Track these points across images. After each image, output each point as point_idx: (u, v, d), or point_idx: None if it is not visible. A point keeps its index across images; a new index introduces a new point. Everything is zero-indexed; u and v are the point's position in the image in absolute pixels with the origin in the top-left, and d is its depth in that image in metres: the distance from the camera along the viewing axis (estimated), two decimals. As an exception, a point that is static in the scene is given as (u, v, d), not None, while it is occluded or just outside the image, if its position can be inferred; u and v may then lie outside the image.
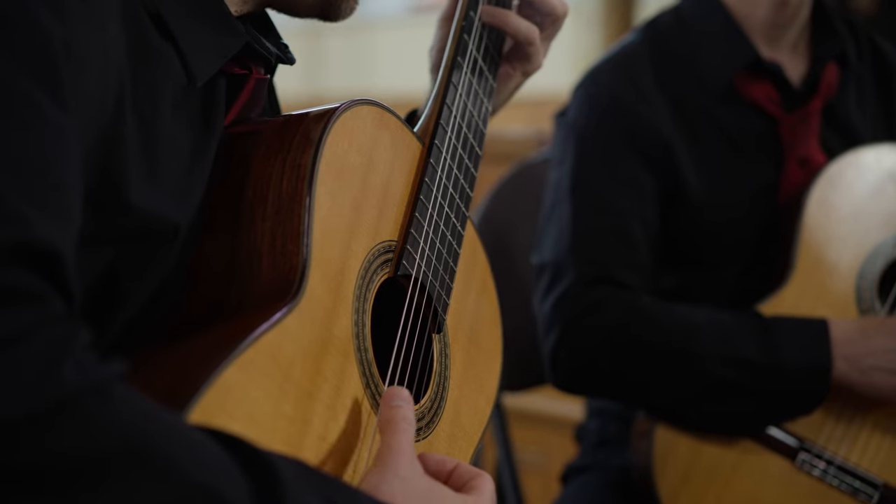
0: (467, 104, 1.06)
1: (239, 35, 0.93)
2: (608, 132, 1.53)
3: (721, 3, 1.57)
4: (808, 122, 1.54)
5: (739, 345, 1.42)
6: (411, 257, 0.97)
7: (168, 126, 0.87)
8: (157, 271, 0.88)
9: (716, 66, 1.55)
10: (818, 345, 1.40)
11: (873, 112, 1.63)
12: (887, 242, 1.48)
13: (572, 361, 1.46)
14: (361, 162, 0.93)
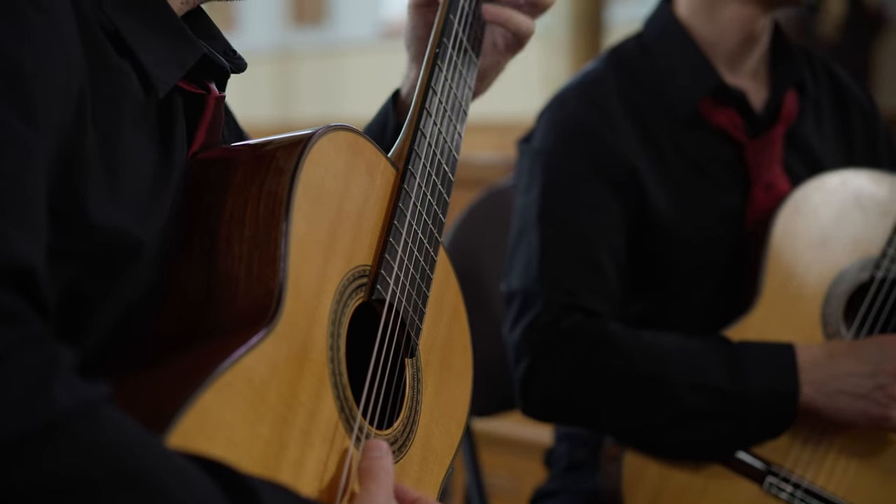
0: (441, 131, 1.08)
1: (196, 47, 0.94)
2: (574, 159, 1.54)
3: (684, 31, 1.59)
4: (772, 147, 1.57)
5: (707, 372, 1.43)
6: (385, 282, 0.98)
7: (128, 142, 0.87)
8: (124, 290, 0.88)
9: (681, 93, 1.57)
10: (785, 371, 1.42)
11: (832, 137, 1.65)
12: (853, 267, 1.50)
13: (543, 390, 1.47)
14: (337, 187, 0.95)
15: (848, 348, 1.43)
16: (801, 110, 1.61)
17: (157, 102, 0.91)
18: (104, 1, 0.88)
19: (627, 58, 1.62)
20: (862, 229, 1.51)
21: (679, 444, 1.45)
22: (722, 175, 1.56)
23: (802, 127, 1.61)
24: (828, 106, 1.66)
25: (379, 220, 0.99)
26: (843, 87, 1.69)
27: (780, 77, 1.61)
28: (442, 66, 1.09)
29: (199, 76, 0.96)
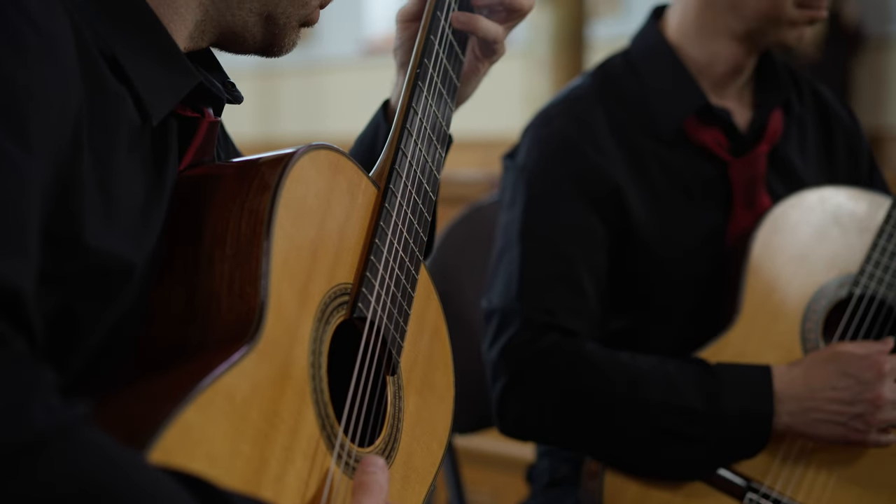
0: (422, 150, 1.08)
1: (192, 75, 0.95)
2: (558, 176, 1.55)
3: (671, 50, 1.60)
4: (755, 166, 1.58)
5: (683, 393, 1.44)
6: (366, 300, 0.98)
7: (123, 167, 0.88)
8: (113, 311, 0.88)
9: (666, 111, 1.58)
10: (760, 394, 1.42)
11: (815, 156, 1.67)
12: (831, 284, 1.51)
13: (518, 409, 1.48)
14: (318, 206, 0.95)
15: (824, 374, 1.43)
16: (786, 130, 1.63)
17: (152, 128, 0.92)
18: (103, 26, 0.89)
19: (613, 75, 1.63)
20: (840, 246, 1.52)
21: (654, 465, 1.45)
22: (705, 193, 1.57)
23: (786, 147, 1.62)
24: (812, 125, 1.68)
25: (360, 239, 1.00)
26: (828, 107, 1.70)
27: (766, 97, 1.62)
28: (423, 86, 1.10)
29: (195, 101, 0.97)
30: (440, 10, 1.14)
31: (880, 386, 1.41)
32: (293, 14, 1.01)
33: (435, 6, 1.14)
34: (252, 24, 1.00)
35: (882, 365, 1.41)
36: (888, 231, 1.51)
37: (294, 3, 1.00)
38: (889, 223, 1.51)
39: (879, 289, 1.50)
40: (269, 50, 1.03)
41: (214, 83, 0.99)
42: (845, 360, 1.43)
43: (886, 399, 1.41)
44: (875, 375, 1.41)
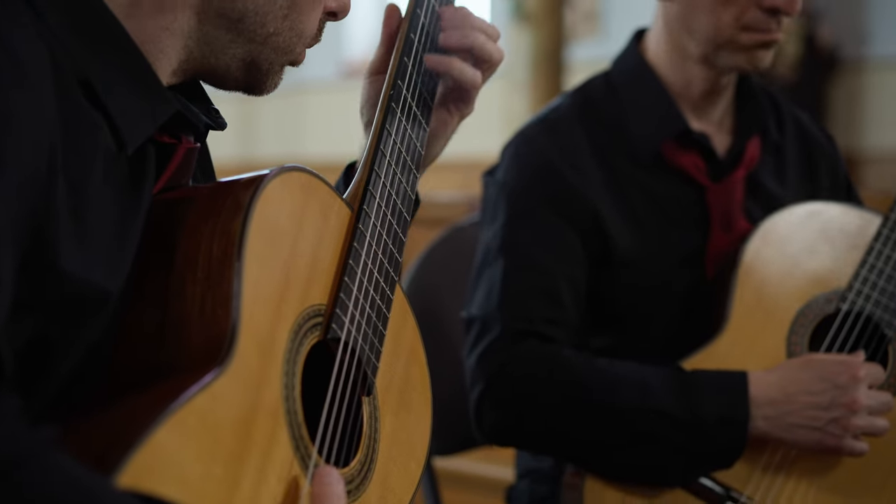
0: (395, 171, 1.09)
1: (169, 103, 0.95)
2: (537, 195, 1.56)
3: (652, 73, 1.62)
4: (733, 191, 1.59)
5: (659, 398, 1.45)
6: (340, 321, 0.98)
7: (98, 193, 0.88)
8: (87, 336, 0.88)
9: (645, 134, 1.59)
10: (736, 400, 1.43)
11: (797, 183, 1.67)
12: (819, 298, 1.52)
13: (496, 413, 1.49)
14: (291, 227, 0.95)
15: (800, 379, 1.44)
16: (763, 157, 1.64)
17: (128, 155, 0.92)
18: (81, 53, 0.89)
19: (593, 96, 1.64)
20: (830, 261, 1.54)
21: (630, 469, 1.46)
22: (683, 216, 1.59)
23: (762, 173, 1.63)
24: (793, 152, 1.69)
25: (334, 260, 1.00)
26: (808, 133, 1.71)
27: (745, 123, 1.63)
28: (396, 107, 1.10)
29: (174, 128, 0.97)
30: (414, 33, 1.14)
31: (855, 391, 1.42)
32: (276, 60, 1.02)
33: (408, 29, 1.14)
34: (235, 67, 1.00)
35: (857, 370, 1.43)
36: (878, 248, 1.52)
37: (278, 51, 1.01)
38: (879, 241, 1.52)
39: (867, 306, 1.51)
40: (251, 91, 1.04)
41: (192, 110, 0.99)
42: (821, 365, 1.44)
43: (862, 404, 1.42)
44: (850, 380, 1.42)
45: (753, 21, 1.53)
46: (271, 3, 0.98)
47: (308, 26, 1.02)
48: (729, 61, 1.57)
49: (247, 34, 0.98)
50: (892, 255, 1.52)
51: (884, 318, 1.51)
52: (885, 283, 1.51)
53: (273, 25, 0.99)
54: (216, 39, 0.98)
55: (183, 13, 0.96)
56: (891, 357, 1.52)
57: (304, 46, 1.03)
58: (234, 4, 0.97)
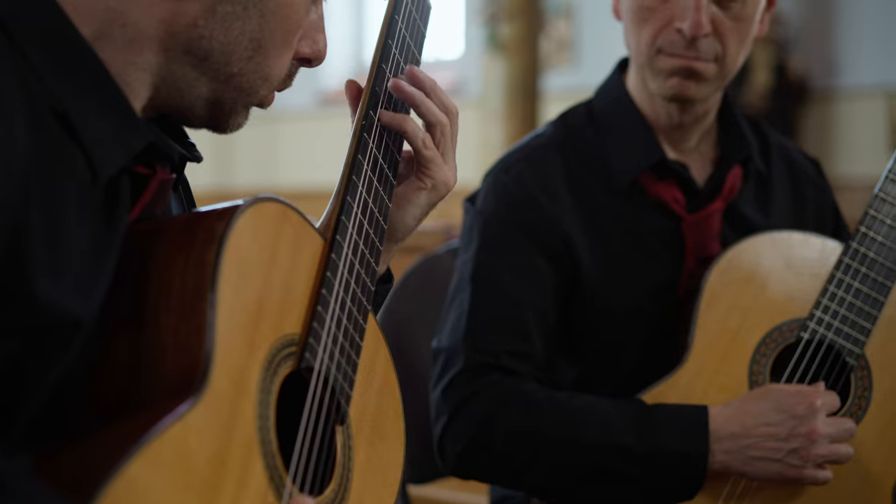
0: (368, 200, 1.10)
1: (143, 134, 0.95)
2: (512, 223, 1.57)
3: (631, 102, 1.62)
4: (710, 222, 1.59)
5: (619, 432, 1.45)
6: (314, 350, 0.99)
7: (72, 222, 0.88)
8: (61, 364, 0.88)
9: (623, 164, 1.60)
10: (695, 434, 1.43)
11: (784, 212, 1.67)
12: (781, 327, 1.53)
13: (457, 447, 1.49)
14: (264, 258, 0.96)
15: (758, 411, 1.44)
16: (744, 187, 1.64)
17: (103, 184, 0.93)
18: (56, 83, 0.90)
19: (574, 125, 1.65)
20: (792, 290, 1.54)
21: (591, 502, 1.46)
22: (659, 248, 1.59)
23: (743, 202, 1.63)
24: (780, 181, 1.69)
25: (307, 290, 1.00)
26: (795, 162, 1.72)
27: (726, 153, 1.63)
28: (369, 137, 1.11)
29: (148, 158, 0.98)
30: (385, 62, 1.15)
31: (814, 420, 1.42)
32: (239, 101, 1.02)
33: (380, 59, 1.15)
34: (199, 106, 1.01)
35: (814, 399, 1.43)
36: (838, 277, 1.53)
37: (241, 91, 1.01)
38: (839, 269, 1.53)
39: (828, 334, 1.51)
40: (214, 129, 1.05)
41: (167, 141, 1.00)
42: (778, 396, 1.44)
43: (820, 433, 1.42)
44: (808, 410, 1.42)
45: (668, 44, 1.52)
46: (237, 44, 0.98)
47: (274, 71, 1.02)
48: (653, 85, 1.56)
49: (211, 73, 0.99)
50: (852, 284, 1.53)
51: (845, 346, 1.52)
52: (846, 312, 1.52)
53: (237, 66, 0.99)
54: (182, 77, 0.99)
55: (150, 49, 0.96)
56: (853, 385, 1.53)
57: (269, 90, 1.04)
58: (200, 43, 0.97)
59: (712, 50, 1.52)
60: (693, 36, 1.49)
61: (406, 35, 1.18)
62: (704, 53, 1.51)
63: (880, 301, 1.52)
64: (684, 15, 1.50)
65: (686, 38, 1.50)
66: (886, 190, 1.54)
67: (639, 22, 1.54)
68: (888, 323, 1.54)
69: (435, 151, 1.14)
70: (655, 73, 1.54)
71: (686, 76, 1.52)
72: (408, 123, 1.13)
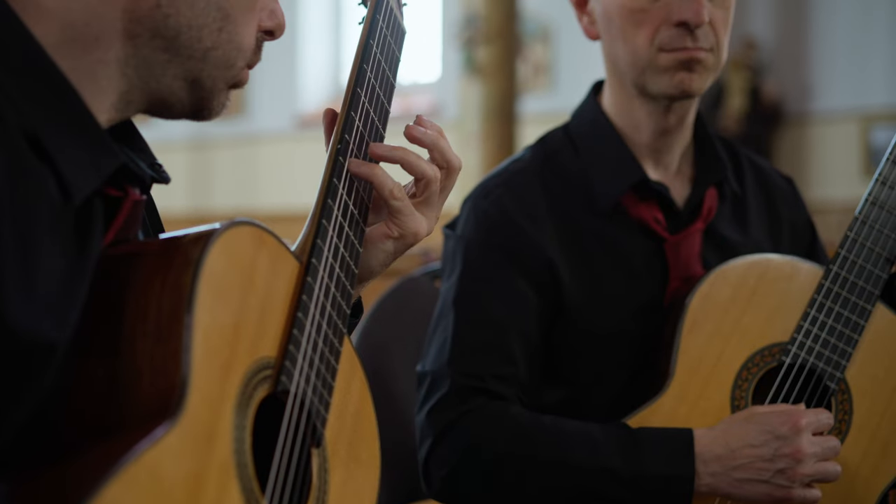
0: (343, 224, 1.10)
1: (115, 155, 0.95)
2: (494, 248, 1.57)
3: (609, 123, 1.64)
4: (691, 242, 1.60)
5: (605, 456, 1.45)
6: (290, 373, 0.99)
7: (44, 246, 0.88)
8: (35, 389, 0.88)
9: (605, 186, 1.61)
10: (681, 457, 1.44)
11: (761, 231, 1.68)
12: (762, 352, 1.53)
13: (442, 470, 1.49)
14: (240, 281, 0.96)
15: (743, 433, 1.45)
16: (720, 207, 1.65)
17: (75, 207, 0.93)
18: (26, 106, 0.90)
19: (553, 149, 1.66)
20: (773, 314, 1.54)
21: None
22: (642, 269, 1.60)
23: (721, 223, 1.65)
24: (754, 200, 1.70)
25: (283, 313, 1.01)
26: (769, 180, 1.73)
27: (702, 174, 1.65)
28: (344, 160, 1.12)
29: (119, 180, 0.98)
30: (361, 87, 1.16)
31: (799, 440, 1.43)
32: (219, 77, 1.01)
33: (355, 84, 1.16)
34: (178, 88, 1.00)
35: (798, 419, 1.44)
36: (819, 301, 1.53)
37: (219, 66, 1.00)
38: (821, 293, 1.53)
39: (809, 358, 1.52)
40: (198, 114, 1.03)
41: (138, 163, 1.00)
42: (763, 417, 1.45)
43: (806, 452, 1.43)
44: (792, 430, 1.43)
45: (667, 40, 1.54)
46: (204, 16, 0.98)
47: (245, 39, 1.02)
48: (656, 87, 1.57)
49: (185, 51, 0.98)
50: (832, 308, 1.53)
51: (826, 370, 1.52)
52: (827, 336, 1.53)
53: (210, 39, 0.99)
54: (154, 61, 0.98)
55: (117, 40, 0.96)
56: (833, 409, 1.53)
57: (244, 62, 1.03)
58: (167, 22, 0.96)
59: (710, 39, 1.55)
60: (698, 24, 1.52)
61: (381, 59, 1.19)
62: (704, 43, 1.54)
63: (860, 324, 1.53)
64: (683, 7, 1.53)
65: (689, 29, 1.53)
66: (866, 213, 1.55)
67: (633, 26, 1.56)
68: (868, 346, 1.54)
69: (405, 202, 1.12)
70: (660, 72, 1.56)
71: (690, 68, 1.55)
72: (375, 173, 1.11)
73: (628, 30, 1.56)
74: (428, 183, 1.13)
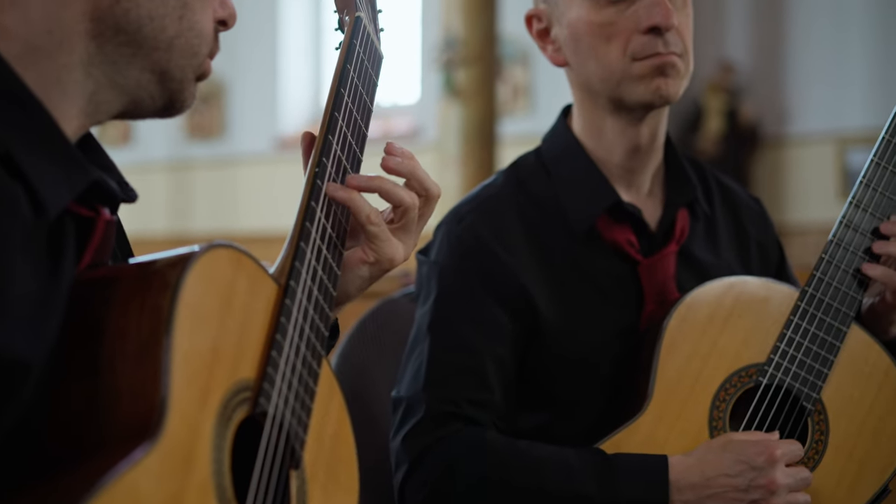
0: (322, 247, 1.11)
1: (88, 171, 0.96)
2: (468, 273, 1.57)
3: (580, 146, 1.64)
4: (665, 264, 1.61)
5: (580, 482, 1.45)
6: (268, 395, 0.99)
7: (17, 265, 0.88)
8: (11, 409, 0.88)
9: (578, 209, 1.61)
10: (656, 483, 1.44)
11: (730, 251, 1.69)
12: (739, 373, 1.53)
13: (418, 496, 1.48)
14: (219, 304, 0.97)
15: (719, 462, 1.45)
16: (692, 228, 1.66)
17: (48, 225, 0.93)
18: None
19: (525, 173, 1.66)
20: (750, 335, 1.55)
21: None
22: (616, 292, 1.60)
23: (693, 244, 1.65)
24: (724, 221, 1.71)
25: (262, 335, 1.01)
26: (736, 199, 1.74)
27: (673, 196, 1.65)
28: (322, 183, 1.12)
29: (91, 200, 0.98)
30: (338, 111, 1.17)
31: (773, 471, 1.43)
32: (187, 66, 1.02)
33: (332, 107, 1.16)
34: (146, 82, 1.01)
35: (774, 450, 1.44)
36: (795, 322, 1.54)
37: (185, 54, 1.01)
38: (797, 314, 1.54)
39: (786, 379, 1.52)
40: (170, 107, 1.04)
41: (109, 181, 1.00)
42: (738, 447, 1.45)
43: (780, 484, 1.43)
44: (767, 461, 1.44)
45: (639, 47, 1.55)
46: (164, 6, 0.99)
47: (206, 25, 1.03)
48: (633, 96, 1.57)
49: (149, 43, 0.99)
50: (808, 329, 1.54)
51: (802, 390, 1.53)
52: (803, 357, 1.54)
53: (173, 28, 1.00)
54: (119, 57, 0.98)
55: (80, 43, 0.96)
56: (810, 430, 1.55)
57: (207, 49, 1.04)
58: (128, 16, 0.97)
59: (679, 44, 1.56)
60: (668, 27, 1.53)
61: (358, 84, 1.20)
62: (674, 47, 1.55)
63: (836, 345, 1.54)
64: (651, 12, 1.54)
65: (660, 33, 1.54)
66: (840, 235, 1.57)
67: (603, 41, 1.56)
68: (843, 367, 1.55)
69: (382, 228, 1.13)
70: (636, 80, 1.56)
71: (665, 73, 1.55)
72: (353, 198, 1.12)
73: (599, 45, 1.57)
74: (406, 210, 1.14)
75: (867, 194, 1.57)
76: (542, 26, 1.65)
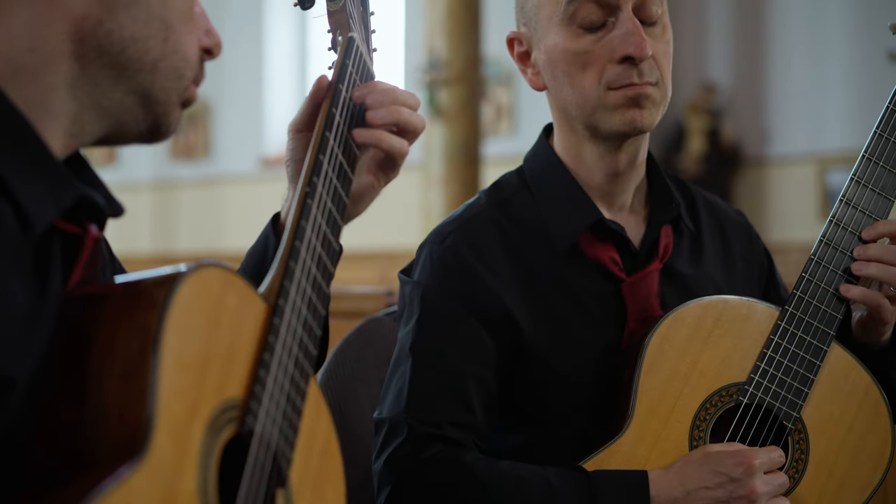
0: (311, 266, 1.11)
1: (74, 187, 0.96)
2: (449, 294, 1.57)
3: (562, 165, 1.64)
4: (649, 282, 1.61)
5: (562, 500, 1.46)
6: (255, 414, 1.00)
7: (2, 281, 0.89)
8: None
9: (561, 228, 1.61)
10: (636, 499, 1.44)
11: (716, 267, 1.69)
12: (721, 392, 1.54)
13: None
14: (207, 323, 0.97)
15: (698, 475, 1.45)
16: (676, 245, 1.66)
17: (35, 241, 0.93)
18: None
19: (507, 193, 1.66)
20: (731, 354, 1.55)
21: None
22: (599, 310, 1.60)
23: (677, 260, 1.65)
24: (709, 237, 1.71)
25: (250, 354, 1.02)
26: (722, 214, 1.75)
27: (656, 213, 1.65)
28: (311, 203, 1.13)
29: (78, 217, 0.98)
30: (329, 130, 1.18)
31: (752, 481, 1.44)
32: (171, 89, 1.02)
33: (325, 126, 1.18)
34: (131, 104, 1.01)
35: (752, 460, 1.45)
36: (775, 342, 1.54)
37: (169, 77, 1.01)
38: (776, 334, 1.55)
39: (766, 398, 1.53)
40: (154, 132, 1.04)
41: (96, 196, 1.00)
42: (716, 459, 1.46)
43: (760, 493, 1.44)
44: (745, 472, 1.44)
45: (614, 77, 1.55)
46: (147, 28, 0.99)
47: (190, 49, 1.03)
48: (607, 126, 1.57)
49: (133, 65, 0.99)
50: (789, 348, 1.55)
51: (782, 409, 1.54)
52: (783, 376, 1.54)
53: (157, 50, 1.00)
54: (103, 79, 0.98)
55: (64, 63, 0.96)
56: (790, 448, 1.55)
57: (192, 73, 1.04)
58: (111, 38, 0.97)
59: (654, 73, 1.56)
60: (642, 58, 1.52)
61: (350, 104, 1.21)
62: (649, 77, 1.55)
63: (815, 364, 1.55)
64: (626, 42, 1.53)
65: (634, 63, 1.53)
66: (820, 254, 1.58)
67: (578, 69, 1.57)
68: (823, 385, 1.56)
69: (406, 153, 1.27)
70: (609, 110, 1.56)
71: (639, 105, 1.55)
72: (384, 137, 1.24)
73: (574, 73, 1.57)
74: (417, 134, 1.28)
75: (847, 212, 1.59)
76: (522, 49, 1.65)
